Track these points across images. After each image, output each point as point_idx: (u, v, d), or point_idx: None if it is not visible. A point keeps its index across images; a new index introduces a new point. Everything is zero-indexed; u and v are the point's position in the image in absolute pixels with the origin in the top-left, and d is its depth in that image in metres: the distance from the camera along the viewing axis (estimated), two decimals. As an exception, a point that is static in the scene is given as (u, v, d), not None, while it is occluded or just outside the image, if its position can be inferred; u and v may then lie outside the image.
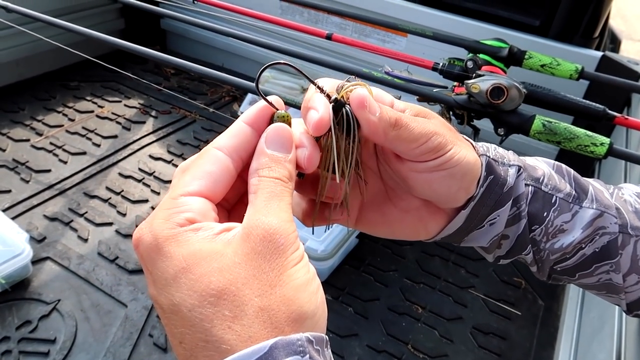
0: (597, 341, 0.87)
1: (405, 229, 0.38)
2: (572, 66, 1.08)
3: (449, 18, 1.52)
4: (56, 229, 1.30)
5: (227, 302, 0.24)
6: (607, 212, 0.38)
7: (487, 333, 1.19)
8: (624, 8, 4.66)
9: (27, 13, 1.14)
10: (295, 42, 1.68)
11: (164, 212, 0.27)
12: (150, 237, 0.26)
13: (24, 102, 1.77)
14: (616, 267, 0.39)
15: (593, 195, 0.39)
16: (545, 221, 0.38)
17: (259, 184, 0.28)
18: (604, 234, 0.38)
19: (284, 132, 0.30)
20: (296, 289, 0.25)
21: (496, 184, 0.37)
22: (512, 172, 0.37)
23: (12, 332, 1.05)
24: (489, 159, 0.37)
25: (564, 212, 0.38)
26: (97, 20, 1.99)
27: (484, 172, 0.36)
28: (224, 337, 0.23)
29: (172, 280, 0.25)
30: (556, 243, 0.38)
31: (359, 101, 0.31)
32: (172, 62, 0.95)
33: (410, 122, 0.32)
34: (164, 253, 0.25)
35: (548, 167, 0.40)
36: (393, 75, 1.02)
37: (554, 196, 0.38)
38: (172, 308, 0.24)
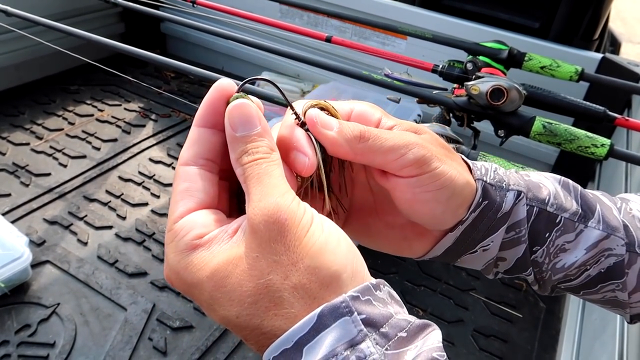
0: (599, 343, 0.86)
1: (388, 244, 0.38)
2: (572, 68, 1.08)
3: (449, 20, 1.52)
4: (56, 233, 1.30)
5: (264, 295, 0.25)
6: (614, 234, 0.37)
7: (489, 336, 1.18)
8: (623, 11, 4.67)
9: (26, 17, 1.14)
10: (295, 45, 1.68)
11: (171, 246, 0.27)
12: (174, 276, 0.27)
13: (24, 106, 1.77)
14: (622, 286, 0.37)
15: (600, 215, 0.37)
16: (546, 242, 0.36)
17: (244, 173, 0.28)
18: (610, 255, 0.37)
19: (243, 108, 0.29)
20: (317, 255, 0.25)
21: (490, 210, 0.35)
22: (510, 198, 0.35)
23: (11, 336, 1.04)
24: (485, 184, 0.35)
25: (567, 232, 0.36)
26: (97, 24, 1.99)
27: (479, 198, 0.34)
28: (275, 325, 0.25)
29: (211, 301, 0.26)
30: (558, 263, 0.37)
31: (309, 121, 0.31)
32: (172, 66, 0.95)
33: (382, 134, 0.31)
34: (192, 284, 0.27)
35: (554, 184, 0.38)
36: (393, 78, 1.01)
37: (559, 216, 0.36)
38: (225, 321, 0.26)
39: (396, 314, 0.26)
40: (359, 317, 0.24)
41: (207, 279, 0.26)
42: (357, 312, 0.24)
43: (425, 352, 0.25)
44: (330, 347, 0.24)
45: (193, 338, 1.09)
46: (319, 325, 0.24)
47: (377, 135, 0.31)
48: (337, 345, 0.24)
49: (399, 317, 0.26)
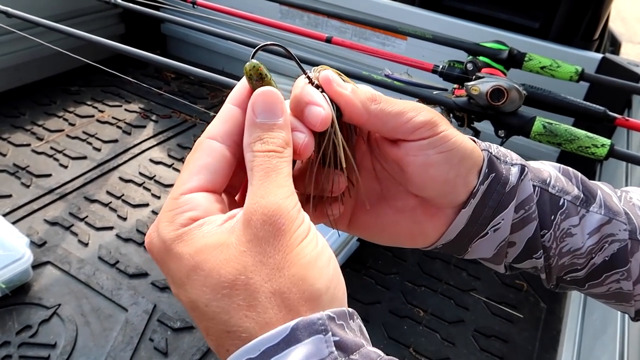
0: (599, 344, 0.86)
1: (400, 232, 0.36)
2: (572, 68, 1.08)
3: (449, 21, 1.52)
4: (56, 234, 1.30)
5: (240, 292, 0.24)
6: (615, 218, 0.37)
7: (489, 336, 1.18)
8: (624, 11, 4.67)
9: (27, 18, 1.14)
10: (295, 46, 1.68)
11: (168, 214, 0.27)
12: (158, 241, 0.26)
13: (24, 107, 1.77)
14: (627, 274, 0.37)
15: (602, 200, 0.37)
16: (552, 225, 0.36)
17: (253, 160, 0.27)
18: (613, 241, 0.37)
19: (271, 96, 0.28)
20: (305, 267, 0.25)
21: (497, 183, 0.34)
22: (515, 171, 0.35)
23: (12, 336, 1.04)
24: (490, 155, 0.35)
25: (571, 215, 0.36)
26: (97, 25, 1.99)
27: (485, 169, 0.34)
28: (242, 326, 0.24)
29: (185, 279, 0.25)
30: (564, 247, 0.37)
31: (324, 80, 0.30)
32: (172, 66, 0.95)
33: (392, 99, 0.32)
34: (174, 255, 0.26)
35: (554, 170, 0.38)
36: (393, 78, 1.02)
37: (562, 199, 0.36)
38: (191, 305, 0.25)
39: (367, 345, 0.25)
40: (332, 338, 0.23)
41: (189, 256, 0.25)
42: (331, 333, 0.23)
43: None
44: None
45: (194, 338, 1.09)
46: (291, 339, 0.23)
47: (387, 98, 0.32)
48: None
49: (370, 348, 0.25)
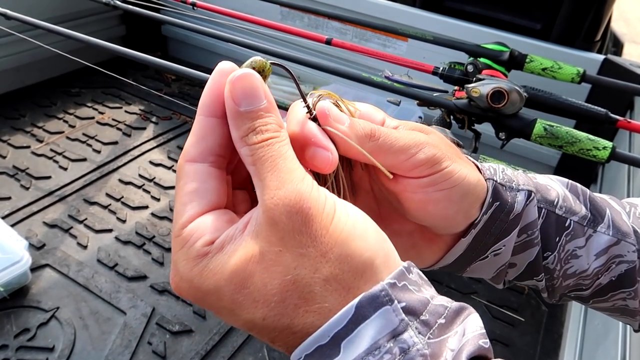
0: (601, 348, 0.85)
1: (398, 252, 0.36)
2: (573, 69, 1.07)
3: (450, 22, 1.51)
4: (55, 236, 1.30)
5: (292, 292, 0.23)
6: (624, 240, 0.36)
7: (490, 340, 1.16)
8: (627, 11, 4.66)
9: (26, 20, 1.14)
10: (296, 48, 1.68)
11: (180, 253, 0.25)
12: (186, 284, 0.25)
13: (24, 109, 1.77)
14: (634, 294, 0.36)
15: (610, 220, 0.36)
16: (557, 247, 0.35)
17: (252, 154, 0.25)
18: (621, 262, 0.36)
19: (247, 79, 0.26)
20: (346, 243, 0.24)
21: (502, 211, 0.33)
22: (521, 199, 0.34)
23: (10, 340, 1.04)
24: (495, 184, 0.33)
25: (577, 237, 0.35)
26: (98, 27, 1.99)
27: (490, 199, 0.33)
28: (307, 322, 0.23)
29: (232, 307, 0.24)
30: (569, 269, 0.36)
31: (321, 114, 0.28)
32: (172, 69, 0.94)
33: (392, 133, 0.30)
34: (207, 291, 0.24)
35: (562, 188, 0.37)
36: (393, 80, 1.01)
37: (568, 219, 0.35)
38: (250, 326, 0.24)
39: (432, 299, 0.24)
40: (399, 305, 0.23)
41: (226, 283, 0.23)
42: (397, 300, 0.23)
43: (471, 341, 0.23)
44: (372, 339, 0.22)
45: (192, 342, 1.08)
46: (358, 317, 0.22)
47: (387, 134, 0.30)
48: (379, 337, 0.22)
49: (436, 302, 0.24)
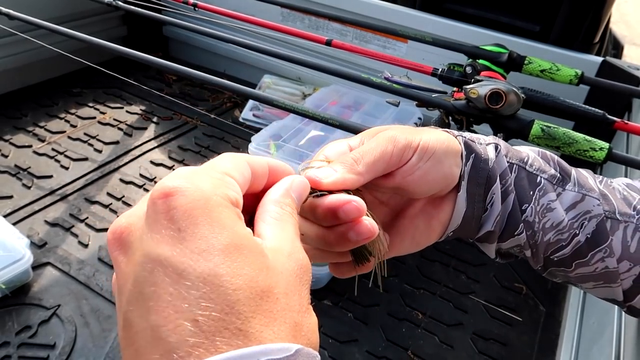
0: (597, 347, 0.86)
1: (420, 233, 0.39)
2: (571, 71, 1.08)
3: (449, 24, 1.52)
4: (57, 235, 1.31)
5: (271, 302, 0.22)
6: (588, 194, 0.39)
7: (488, 339, 1.18)
8: (627, 14, 4.67)
9: (29, 20, 1.15)
10: (296, 49, 1.69)
11: (212, 179, 0.24)
12: (199, 195, 0.22)
13: (26, 109, 1.78)
14: (609, 251, 0.39)
15: (575, 179, 0.40)
16: (532, 200, 0.39)
17: (282, 212, 0.27)
18: (591, 217, 0.39)
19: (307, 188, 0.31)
20: (315, 325, 0.24)
21: (480, 161, 0.38)
22: (491, 149, 0.39)
23: (11, 337, 1.05)
24: (465, 139, 0.38)
25: (548, 192, 0.39)
26: (99, 27, 2.00)
27: (464, 151, 0.38)
28: (262, 332, 0.21)
29: (219, 251, 0.21)
30: (547, 222, 0.39)
31: (313, 182, 0.32)
32: (173, 69, 0.95)
33: (364, 148, 0.35)
34: (215, 219, 0.22)
35: (533, 153, 0.41)
36: (392, 81, 1.02)
37: (539, 176, 0.39)
38: (208, 279, 0.20)
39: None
40: None
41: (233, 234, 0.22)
42: None
43: None
44: None
45: (193, 340, 1.09)
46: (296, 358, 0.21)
47: (363, 152, 0.35)
48: None
49: None
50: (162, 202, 0.22)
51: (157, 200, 0.22)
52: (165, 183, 0.22)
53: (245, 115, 1.80)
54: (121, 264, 0.23)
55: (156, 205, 0.22)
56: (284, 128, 1.48)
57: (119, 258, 0.23)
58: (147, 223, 0.22)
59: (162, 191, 0.22)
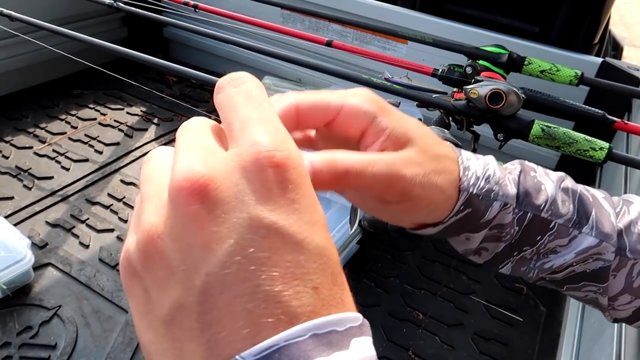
0: (597, 346, 0.86)
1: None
2: (571, 72, 1.08)
3: (450, 25, 1.53)
4: (58, 235, 1.31)
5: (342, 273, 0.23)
6: (605, 241, 0.37)
7: (489, 339, 1.18)
8: (627, 15, 4.68)
9: (30, 22, 1.15)
10: (296, 50, 1.69)
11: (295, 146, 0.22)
12: (304, 169, 0.22)
13: (27, 110, 1.79)
14: (603, 290, 0.38)
15: (594, 221, 0.37)
16: (537, 244, 0.37)
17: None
18: (598, 259, 0.37)
19: None
20: None
21: (474, 216, 0.35)
22: (495, 208, 0.36)
23: (13, 337, 1.05)
24: (470, 195, 0.35)
25: (560, 236, 0.37)
26: (100, 28, 2.00)
27: (460, 206, 0.35)
28: (349, 301, 0.23)
29: (323, 226, 0.22)
30: (547, 263, 0.38)
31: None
32: (174, 70, 0.96)
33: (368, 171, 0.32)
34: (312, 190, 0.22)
35: (555, 188, 0.38)
36: (392, 82, 1.02)
37: (553, 222, 0.37)
38: (323, 251, 0.21)
39: None
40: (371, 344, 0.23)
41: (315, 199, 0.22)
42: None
43: None
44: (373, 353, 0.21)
45: (193, 340, 1.09)
46: (364, 327, 0.22)
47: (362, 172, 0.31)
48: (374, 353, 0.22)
49: None
50: (273, 171, 0.21)
51: (267, 169, 0.21)
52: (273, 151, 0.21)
53: (245, 117, 1.80)
54: (204, 221, 0.20)
55: (266, 173, 0.21)
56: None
57: (200, 213, 0.20)
58: (252, 188, 0.21)
59: (271, 159, 0.21)
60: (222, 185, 0.20)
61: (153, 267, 0.21)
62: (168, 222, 0.21)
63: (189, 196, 0.20)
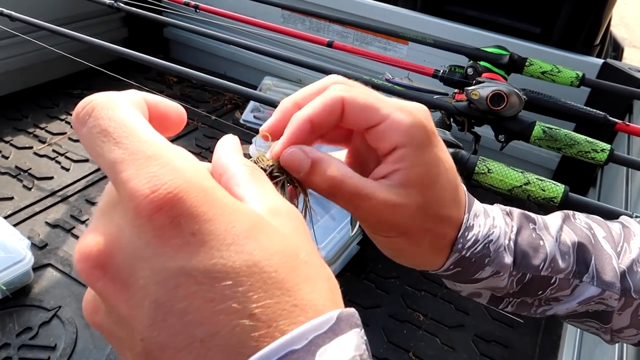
0: (599, 348, 0.86)
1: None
2: (572, 73, 1.08)
3: (450, 26, 1.52)
4: (58, 236, 1.30)
5: (305, 267, 0.21)
6: (609, 290, 0.36)
7: (489, 341, 1.18)
8: (627, 16, 4.68)
9: (30, 22, 1.15)
10: (297, 50, 1.69)
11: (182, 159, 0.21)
12: (196, 190, 0.20)
13: (27, 110, 1.78)
14: (606, 330, 0.38)
15: (594, 270, 0.37)
16: (540, 296, 0.37)
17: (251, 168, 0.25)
18: (601, 303, 0.37)
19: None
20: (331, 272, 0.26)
21: (462, 275, 0.35)
22: (487, 273, 0.35)
23: (12, 338, 1.05)
24: (461, 257, 0.34)
25: (562, 289, 0.37)
26: (100, 29, 2.00)
27: (450, 265, 0.35)
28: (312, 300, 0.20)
29: (245, 238, 0.20)
30: (549, 310, 0.37)
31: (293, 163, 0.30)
32: (174, 70, 0.95)
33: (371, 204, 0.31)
34: (221, 206, 0.20)
35: (552, 242, 0.37)
36: (393, 83, 1.02)
37: (554, 277, 0.36)
38: (249, 270, 0.19)
39: None
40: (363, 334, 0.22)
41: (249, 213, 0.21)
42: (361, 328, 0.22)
43: None
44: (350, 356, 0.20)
45: (193, 342, 1.09)
46: (337, 328, 0.20)
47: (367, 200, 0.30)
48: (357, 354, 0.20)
49: None
50: (159, 215, 0.19)
51: (152, 216, 0.19)
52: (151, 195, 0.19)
53: (246, 117, 1.80)
54: (116, 294, 0.20)
55: (154, 221, 0.19)
56: (284, 130, 1.48)
57: (107, 287, 0.20)
58: (145, 241, 0.19)
59: (152, 204, 0.19)
60: (116, 250, 0.20)
61: (104, 332, 0.22)
62: (98, 299, 0.22)
63: (90, 275, 0.20)
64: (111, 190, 0.22)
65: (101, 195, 0.23)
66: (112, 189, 0.22)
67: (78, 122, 0.22)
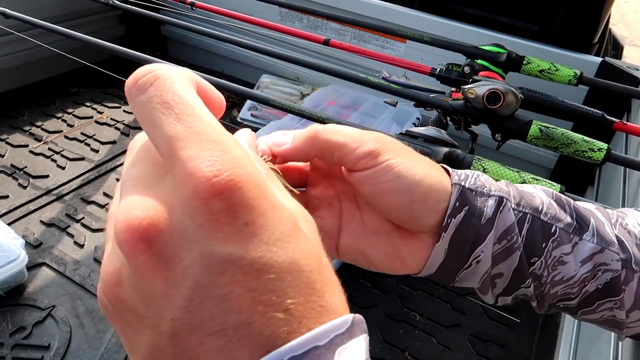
0: (595, 348, 0.86)
1: (379, 257, 0.36)
2: (570, 71, 1.07)
3: (448, 24, 1.52)
4: (52, 235, 1.30)
5: (327, 271, 0.22)
6: (608, 248, 0.36)
7: (486, 341, 1.17)
8: (627, 14, 4.68)
9: (25, 19, 1.14)
10: (294, 48, 1.68)
11: (239, 152, 0.20)
12: (254, 183, 0.20)
13: (23, 108, 1.77)
14: (620, 304, 0.37)
15: (594, 228, 0.37)
16: (544, 253, 0.36)
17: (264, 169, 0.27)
18: (606, 270, 0.36)
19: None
20: None
21: (472, 215, 0.35)
22: (491, 203, 0.35)
23: (5, 338, 1.04)
24: (462, 188, 0.35)
25: (563, 243, 0.36)
26: (97, 26, 1.99)
27: (456, 202, 0.34)
28: (334, 303, 0.21)
29: (289, 236, 0.20)
30: (557, 275, 0.36)
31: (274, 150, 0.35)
32: (169, 68, 0.94)
33: (339, 129, 0.34)
34: (272, 202, 0.20)
35: (547, 197, 0.38)
36: (390, 81, 1.01)
37: (554, 226, 0.36)
38: (290, 267, 0.20)
39: None
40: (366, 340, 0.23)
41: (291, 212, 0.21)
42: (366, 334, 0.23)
43: None
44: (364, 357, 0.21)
45: (189, 341, 1.08)
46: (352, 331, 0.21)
47: (333, 130, 0.33)
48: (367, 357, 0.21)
49: None
50: (217, 199, 0.19)
51: (210, 200, 0.19)
52: (213, 178, 0.19)
53: (243, 115, 1.79)
54: (157, 270, 0.19)
55: (210, 205, 0.19)
56: (282, 128, 1.47)
57: (149, 262, 0.19)
58: (198, 223, 0.19)
59: (212, 188, 0.19)
60: (166, 227, 0.19)
61: (122, 312, 0.21)
62: (124, 271, 0.21)
63: (133, 248, 0.19)
64: (151, 159, 0.22)
65: (127, 159, 0.22)
66: (151, 158, 0.22)
67: (136, 88, 0.21)
